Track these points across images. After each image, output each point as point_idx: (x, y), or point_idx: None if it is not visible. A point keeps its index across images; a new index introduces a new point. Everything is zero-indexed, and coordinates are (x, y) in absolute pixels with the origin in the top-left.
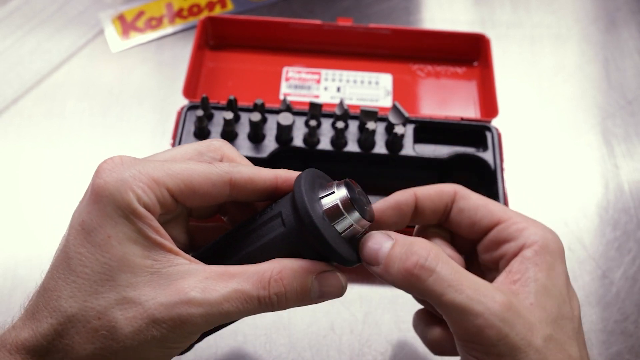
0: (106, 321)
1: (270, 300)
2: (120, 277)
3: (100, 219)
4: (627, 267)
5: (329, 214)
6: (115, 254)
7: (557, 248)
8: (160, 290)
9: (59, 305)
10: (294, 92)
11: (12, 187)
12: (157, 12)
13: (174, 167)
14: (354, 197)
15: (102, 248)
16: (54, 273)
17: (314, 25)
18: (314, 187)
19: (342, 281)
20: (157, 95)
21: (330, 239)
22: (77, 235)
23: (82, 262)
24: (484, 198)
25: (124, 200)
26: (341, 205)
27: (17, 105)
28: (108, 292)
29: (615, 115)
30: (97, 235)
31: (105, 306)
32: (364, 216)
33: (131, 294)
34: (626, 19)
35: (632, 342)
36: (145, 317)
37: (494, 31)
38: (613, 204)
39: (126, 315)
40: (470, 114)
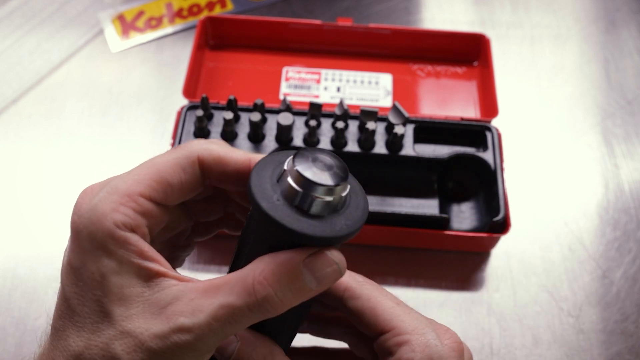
0: (109, 355)
1: (263, 306)
2: (115, 311)
3: (82, 257)
4: (628, 267)
5: (286, 195)
6: (104, 289)
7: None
8: (153, 320)
9: (67, 344)
10: (294, 92)
11: (11, 187)
12: (157, 12)
13: (140, 170)
14: (306, 166)
15: (91, 285)
16: (59, 313)
17: (314, 25)
18: (274, 169)
19: (334, 258)
20: (157, 95)
21: (282, 218)
22: (67, 275)
23: (79, 301)
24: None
25: (100, 230)
26: (292, 180)
27: (16, 105)
28: (107, 328)
29: (615, 115)
30: (83, 273)
31: (106, 342)
32: (324, 182)
33: (128, 327)
34: (626, 19)
35: (632, 343)
36: (144, 350)
37: (494, 31)
38: (613, 204)
39: (126, 349)
40: (470, 114)
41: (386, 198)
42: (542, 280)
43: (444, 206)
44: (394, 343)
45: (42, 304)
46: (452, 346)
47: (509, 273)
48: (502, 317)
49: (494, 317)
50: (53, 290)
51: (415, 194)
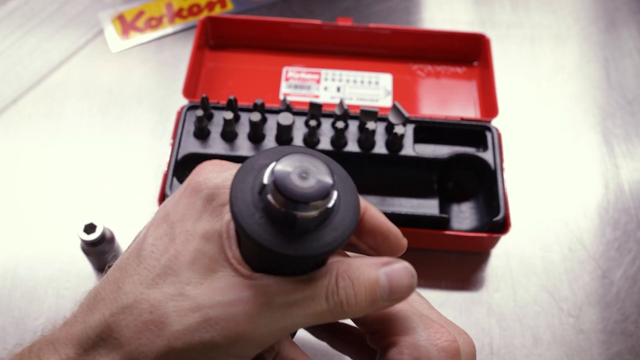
0: (157, 315)
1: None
2: (185, 273)
3: (186, 212)
4: (627, 267)
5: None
6: (187, 249)
7: None
8: (219, 292)
9: (117, 295)
10: (294, 92)
11: (11, 187)
12: (157, 12)
13: None
14: (287, 181)
15: (177, 241)
16: (121, 263)
17: (314, 25)
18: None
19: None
20: (156, 95)
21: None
22: (157, 226)
23: (153, 253)
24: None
25: (217, 199)
26: (273, 198)
27: (16, 105)
28: (168, 286)
29: (615, 115)
30: (177, 227)
31: (160, 300)
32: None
33: (190, 292)
34: (626, 19)
35: (632, 343)
36: (198, 315)
37: (494, 31)
38: (613, 204)
39: (179, 309)
40: (470, 114)
41: (386, 198)
42: (542, 280)
43: (444, 206)
44: (383, 344)
45: (42, 304)
46: (443, 346)
47: (509, 273)
48: (502, 317)
49: (494, 317)
50: (53, 291)
51: (415, 194)
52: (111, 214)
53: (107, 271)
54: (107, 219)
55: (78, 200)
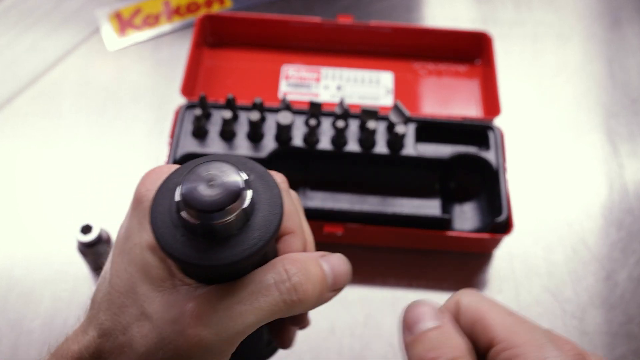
0: (127, 338)
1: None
2: (141, 288)
3: (134, 226)
4: (632, 268)
5: (188, 229)
6: (137, 263)
7: None
8: (168, 308)
9: (98, 317)
10: (294, 90)
11: (8, 186)
12: (155, 10)
13: None
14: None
15: (129, 257)
16: (99, 283)
17: (314, 23)
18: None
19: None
20: (154, 94)
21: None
22: (117, 244)
23: (117, 273)
24: (483, 306)
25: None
26: (186, 214)
27: (12, 104)
28: (131, 305)
29: (619, 114)
30: (128, 243)
31: (128, 321)
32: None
33: (148, 309)
34: (630, 17)
35: (636, 345)
36: (155, 336)
37: (496, 29)
38: (617, 205)
39: (141, 332)
40: (472, 112)
41: (387, 198)
42: (545, 282)
43: (446, 206)
44: (506, 357)
45: (38, 305)
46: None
47: (512, 274)
48: None
49: None
50: (50, 292)
51: (417, 194)
52: (108, 215)
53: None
54: (104, 220)
55: (75, 201)
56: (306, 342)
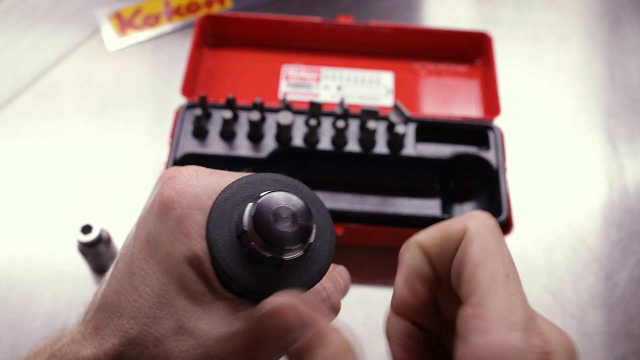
0: (162, 350)
1: None
2: (178, 302)
3: (164, 234)
4: (632, 268)
5: (254, 257)
6: (173, 275)
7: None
8: (214, 325)
9: (120, 324)
10: (294, 90)
11: (8, 186)
12: (155, 10)
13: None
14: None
15: (162, 266)
16: (116, 287)
17: (314, 23)
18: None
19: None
20: (154, 94)
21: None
22: (142, 248)
23: (145, 280)
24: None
25: (189, 216)
26: (257, 246)
27: (13, 104)
28: (166, 318)
29: (619, 114)
30: (159, 251)
31: (162, 334)
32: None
33: (188, 325)
34: (630, 17)
35: (637, 345)
36: (200, 352)
37: (497, 29)
38: (617, 205)
39: (180, 347)
40: (472, 112)
41: (387, 198)
42: (545, 282)
43: (446, 206)
44: (471, 326)
45: (38, 306)
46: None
47: None
48: None
49: None
50: (50, 292)
51: (417, 194)
52: (108, 215)
53: (104, 285)
54: (104, 220)
55: (75, 201)
56: None
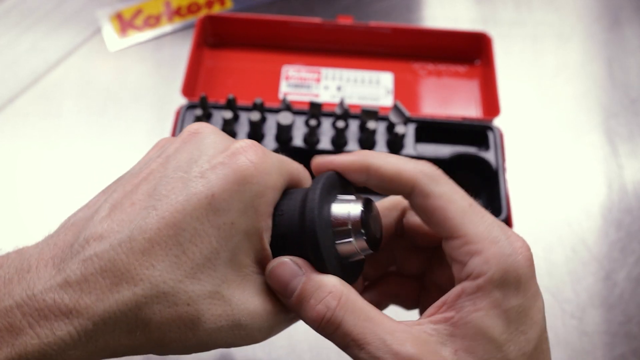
0: (193, 310)
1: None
2: (222, 270)
3: (235, 204)
4: (631, 268)
5: (334, 226)
6: (229, 244)
7: (515, 277)
8: (251, 297)
9: (150, 274)
10: (294, 91)
11: (9, 187)
12: (155, 10)
13: (293, 167)
14: (366, 219)
15: (221, 233)
16: (151, 235)
17: (314, 23)
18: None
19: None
20: (155, 94)
21: (325, 252)
22: (201, 207)
23: (194, 240)
24: (446, 197)
25: (264, 194)
26: (350, 224)
27: (13, 104)
28: (206, 281)
29: (618, 114)
30: (223, 218)
31: (198, 294)
32: (370, 244)
33: (225, 292)
34: (630, 17)
35: (636, 345)
36: (232, 320)
37: (496, 30)
38: (617, 205)
39: (213, 311)
40: (471, 113)
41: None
42: (545, 282)
43: None
44: (465, 252)
45: None
46: (527, 255)
47: None
48: None
49: None
50: None
51: None
52: None
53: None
54: None
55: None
56: (306, 342)
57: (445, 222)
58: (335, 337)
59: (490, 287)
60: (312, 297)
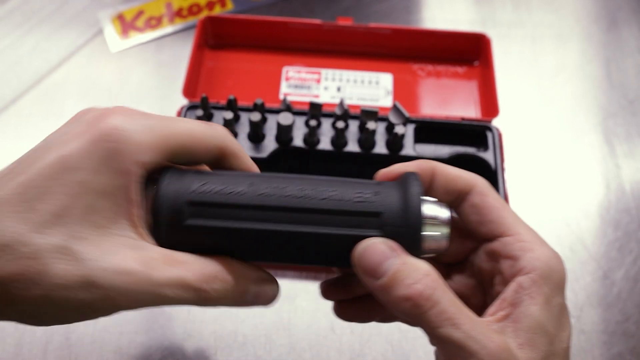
0: (37, 263)
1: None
2: (72, 226)
3: (84, 161)
4: (629, 267)
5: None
6: (80, 202)
7: (558, 277)
8: (106, 254)
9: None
10: (294, 91)
11: None
12: (157, 12)
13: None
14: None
15: (70, 191)
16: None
17: (314, 24)
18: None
19: (275, 293)
20: (156, 95)
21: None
22: (52, 166)
23: (43, 197)
24: (501, 201)
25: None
26: (441, 224)
27: (15, 105)
28: (53, 235)
29: (616, 115)
30: (72, 175)
31: (42, 247)
32: (445, 248)
33: (75, 247)
34: (628, 19)
35: (633, 343)
36: (82, 276)
37: (495, 31)
38: (614, 204)
39: (61, 266)
40: (470, 113)
41: None
42: None
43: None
44: (519, 247)
45: None
46: (562, 261)
47: None
48: None
49: None
50: None
51: None
52: None
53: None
54: None
55: None
56: (306, 340)
57: (501, 220)
58: (428, 316)
59: (542, 281)
60: (409, 277)
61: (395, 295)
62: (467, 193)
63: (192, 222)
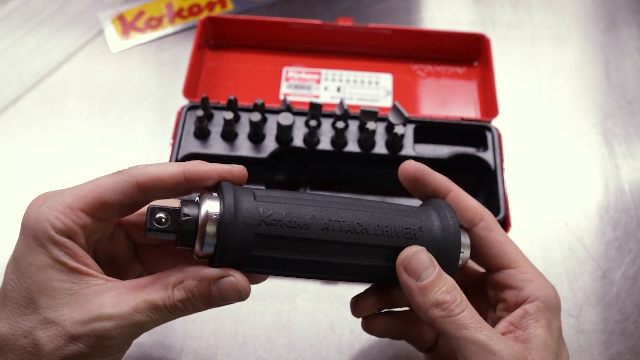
0: (31, 340)
1: (176, 307)
2: (41, 300)
3: (23, 249)
4: (628, 267)
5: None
6: (35, 279)
7: (555, 304)
8: (77, 309)
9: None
10: (294, 92)
11: (11, 187)
12: (157, 12)
13: (84, 188)
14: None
15: (25, 275)
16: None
17: (314, 25)
18: None
19: (238, 287)
20: (157, 95)
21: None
22: (9, 264)
23: (12, 287)
24: (505, 236)
25: (41, 231)
26: (466, 254)
27: (16, 105)
28: (32, 314)
29: (615, 115)
30: (21, 263)
31: (30, 326)
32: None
33: (51, 315)
34: (626, 19)
35: (632, 343)
36: (64, 335)
37: (494, 31)
38: (613, 204)
39: (47, 334)
40: (470, 114)
41: (386, 198)
42: None
43: None
44: (522, 279)
45: None
46: (556, 290)
47: None
48: None
49: None
50: None
51: None
52: None
53: None
54: None
55: None
56: (306, 340)
57: (505, 254)
58: (455, 319)
59: (544, 308)
60: (444, 286)
61: (430, 298)
62: (474, 224)
63: (257, 252)
